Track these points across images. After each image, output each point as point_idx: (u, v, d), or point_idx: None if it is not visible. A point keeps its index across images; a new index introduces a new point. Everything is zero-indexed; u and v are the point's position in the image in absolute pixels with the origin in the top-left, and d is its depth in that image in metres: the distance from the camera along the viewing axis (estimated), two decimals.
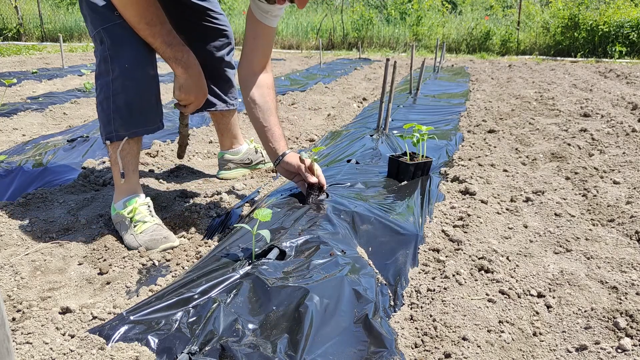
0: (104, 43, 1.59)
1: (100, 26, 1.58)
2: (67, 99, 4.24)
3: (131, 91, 1.62)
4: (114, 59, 1.59)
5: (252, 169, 2.49)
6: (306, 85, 5.45)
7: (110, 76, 1.60)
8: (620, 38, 9.54)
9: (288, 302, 1.18)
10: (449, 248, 1.60)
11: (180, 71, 1.68)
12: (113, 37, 1.58)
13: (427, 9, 12.38)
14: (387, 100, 3.06)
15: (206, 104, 2.22)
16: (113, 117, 1.63)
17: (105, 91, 1.62)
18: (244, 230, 1.59)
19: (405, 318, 1.25)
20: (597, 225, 1.82)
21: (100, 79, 1.64)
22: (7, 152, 2.72)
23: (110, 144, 1.67)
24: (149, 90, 1.67)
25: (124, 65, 1.59)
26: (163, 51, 1.64)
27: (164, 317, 1.15)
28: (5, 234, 1.65)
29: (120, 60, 1.59)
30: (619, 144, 2.91)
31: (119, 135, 1.65)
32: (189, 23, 2.08)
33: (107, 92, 1.62)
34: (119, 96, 1.61)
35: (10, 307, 1.28)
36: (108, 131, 1.65)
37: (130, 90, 1.62)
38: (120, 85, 1.60)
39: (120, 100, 1.62)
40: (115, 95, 1.61)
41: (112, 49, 1.58)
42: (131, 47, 1.60)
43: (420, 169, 2.27)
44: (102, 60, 1.61)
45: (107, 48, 1.59)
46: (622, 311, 1.24)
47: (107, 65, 1.60)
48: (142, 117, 1.68)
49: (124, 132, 1.65)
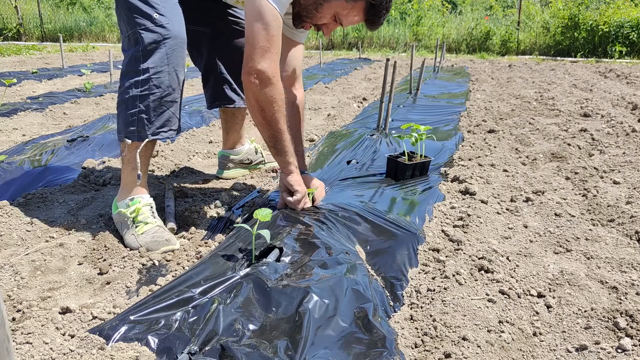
0: (139, 44, 1.61)
1: (138, 27, 1.61)
2: (67, 99, 4.24)
3: (159, 95, 1.64)
4: (147, 61, 1.61)
5: (252, 169, 2.49)
6: (306, 85, 5.46)
7: (139, 76, 1.61)
8: (620, 38, 9.54)
9: (288, 303, 1.18)
10: (449, 248, 1.60)
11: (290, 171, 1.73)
12: (149, 39, 1.60)
13: (427, 9, 12.38)
14: (387, 100, 3.06)
15: (226, 100, 2.23)
16: (138, 118, 1.64)
17: (132, 90, 1.62)
18: (244, 230, 1.59)
19: (405, 318, 1.25)
20: (597, 225, 1.82)
21: (127, 77, 1.64)
22: (7, 152, 2.72)
23: (131, 143, 1.67)
24: (175, 95, 1.69)
25: (155, 68, 1.61)
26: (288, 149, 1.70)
27: (164, 317, 1.15)
28: (5, 234, 1.65)
29: (152, 62, 1.61)
30: (619, 144, 2.91)
31: (140, 136, 1.66)
32: (215, 16, 2.09)
33: (134, 92, 1.62)
34: (146, 98, 1.62)
35: (10, 307, 1.28)
36: (129, 131, 1.65)
37: (158, 93, 1.63)
38: (149, 87, 1.62)
39: (147, 103, 1.63)
40: (142, 97, 1.62)
41: (145, 51, 1.60)
42: (165, 52, 1.62)
43: (418, 169, 2.27)
44: (133, 59, 1.62)
45: (141, 49, 1.60)
46: (622, 311, 1.24)
47: (137, 65, 1.61)
48: (165, 122, 1.69)
49: (146, 134, 1.66)
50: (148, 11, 1.61)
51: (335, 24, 1.69)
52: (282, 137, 1.67)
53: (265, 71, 1.55)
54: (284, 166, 1.74)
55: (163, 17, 1.63)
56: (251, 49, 1.54)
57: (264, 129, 1.65)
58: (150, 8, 1.61)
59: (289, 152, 1.71)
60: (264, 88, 1.56)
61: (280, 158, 1.72)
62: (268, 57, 1.55)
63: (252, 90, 1.57)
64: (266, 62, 1.55)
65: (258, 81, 1.55)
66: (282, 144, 1.68)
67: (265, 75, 1.55)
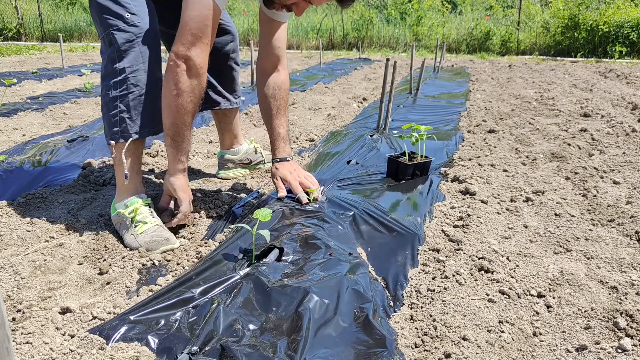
0: (113, 45, 1.61)
1: (110, 28, 1.61)
2: (67, 99, 4.24)
3: (137, 93, 1.64)
4: (122, 61, 1.61)
5: (251, 169, 2.49)
6: (306, 85, 5.45)
7: (117, 77, 1.62)
8: (620, 38, 9.54)
9: (288, 303, 1.18)
10: (449, 248, 1.60)
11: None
12: (122, 39, 1.60)
13: (427, 9, 12.38)
14: (387, 100, 3.06)
15: (210, 102, 2.23)
16: (119, 118, 1.65)
17: (111, 92, 1.63)
18: (244, 230, 1.59)
19: (405, 318, 1.25)
20: (597, 225, 1.82)
21: (106, 79, 1.64)
22: (7, 152, 2.72)
23: (115, 144, 1.67)
24: (154, 93, 1.69)
25: (131, 67, 1.62)
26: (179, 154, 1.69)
27: (164, 317, 1.15)
28: (5, 234, 1.65)
29: (128, 62, 1.61)
30: (619, 144, 2.91)
31: (124, 136, 1.66)
32: None
33: (114, 93, 1.63)
34: (125, 97, 1.63)
35: (10, 307, 1.28)
36: (113, 132, 1.66)
37: (136, 92, 1.64)
38: (127, 87, 1.63)
39: (127, 102, 1.64)
40: (122, 97, 1.63)
41: (120, 51, 1.61)
42: (139, 50, 1.63)
43: (419, 169, 2.27)
44: (110, 61, 1.62)
45: (116, 50, 1.60)
46: (622, 311, 1.24)
47: (114, 66, 1.61)
48: (147, 119, 1.69)
49: (129, 133, 1.66)
50: (119, 11, 1.61)
51: (306, 3, 1.70)
52: (185, 131, 1.66)
53: (195, 59, 1.56)
54: (174, 163, 1.69)
55: (135, 16, 1.62)
56: (184, 33, 1.55)
57: (171, 114, 1.62)
58: (121, 8, 1.61)
59: (185, 150, 1.69)
60: (190, 77, 1.57)
61: (172, 152, 1.68)
62: (199, 46, 1.56)
63: (176, 73, 1.57)
64: (197, 50, 1.56)
65: (185, 67, 1.56)
66: (183, 137, 1.66)
67: (193, 63, 1.56)
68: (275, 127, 1.95)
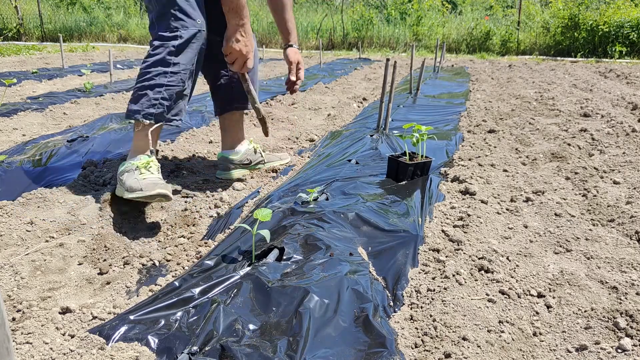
0: (177, 40, 1.81)
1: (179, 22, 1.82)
2: (67, 99, 4.23)
3: (180, 89, 1.88)
4: (179, 57, 1.83)
5: (251, 169, 2.49)
6: (306, 85, 5.45)
7: (169, 68, 1.83)
8: (620, 38, 9.54)
9: (288, 303, 1.18)
10: (449, 248, 1.60)
11: (238, 22, 1.88)
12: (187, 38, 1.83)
13: (427, 9, 12.38)
14: (387, 100, 3.06)
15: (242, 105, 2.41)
16: (160, 103, 1.85)
17: (159, 79, 1.83)
18: (244, 230, 1.59)
19: (405, 318, 1.25)
20: (597, 225, 1.82)
21: (156, 65, 1.83)
22: (7, 152, 2.72)
23: (147, 123, 1.86)
24: (189, 91, 1.95)
25: (185, 66, 1.86)
26: None
27: (164, 317, 1.15)
28: (5, 234, 1.65)
29: (184, 59, 1.85)
30: (619, 144, 2.91)
31: (157, 119, 1.87)
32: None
33: (162, 80, 1.83)
34: (171, 89, 1.85)
35: (10, 307, 1.28)
36: (148, 112, 1.85)
37: (180, 87, 1.87)
38: (177, 81, 1.85)
39: (171, 93, 1.85)
40: (169, 87, 1.84)
41: (181, 47, 1.83)
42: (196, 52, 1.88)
43: (419, 169, 2.27)
44: (168, 52, 1.82)
45: (178, 45, 1.82)
46: (622, 311, 1.24)
47: (170, 58, 1.82)
48: (179, 110, 1.93)
49: (164, 117, 1.88)
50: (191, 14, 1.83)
51: None
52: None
53: None
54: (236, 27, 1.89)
55: (203, 22, 1.87)
56: None
57: None
58: (195, 11, 1.85)
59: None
60: None
61: (238, 22, 1.88)
62: None
63: None
64: None
65: None
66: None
67: None
68: (287, 20, 2.30)
